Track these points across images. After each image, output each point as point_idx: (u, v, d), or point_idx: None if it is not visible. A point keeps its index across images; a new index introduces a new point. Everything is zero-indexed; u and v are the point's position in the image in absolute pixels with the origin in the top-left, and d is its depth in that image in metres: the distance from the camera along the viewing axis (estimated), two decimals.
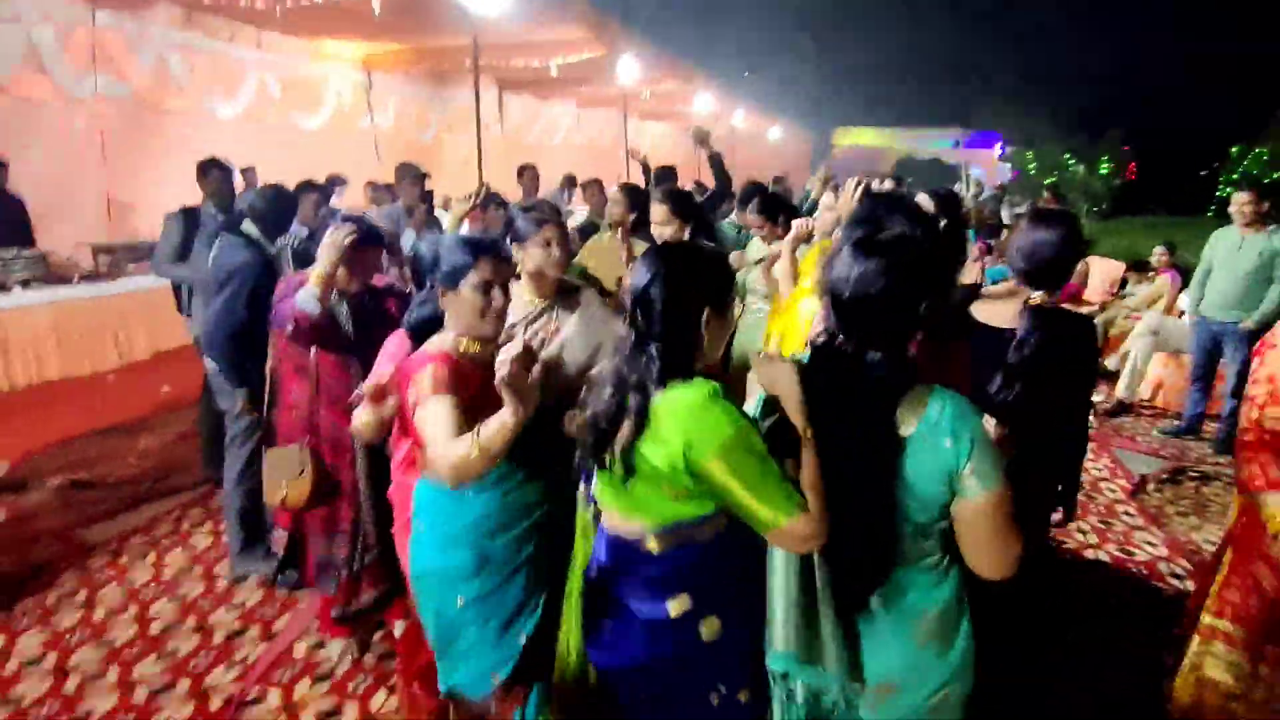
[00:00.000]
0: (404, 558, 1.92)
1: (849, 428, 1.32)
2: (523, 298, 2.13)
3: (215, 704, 2.42)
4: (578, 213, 8.22)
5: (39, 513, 3.70)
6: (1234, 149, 17.84)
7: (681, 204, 2.98)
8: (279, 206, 3.20)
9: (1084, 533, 3.58)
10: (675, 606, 1.39)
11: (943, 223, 2.91)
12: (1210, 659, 2.01)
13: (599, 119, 17.10)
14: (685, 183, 19.10)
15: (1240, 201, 4.41)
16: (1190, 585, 3.10)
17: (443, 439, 1.55)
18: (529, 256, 2.12)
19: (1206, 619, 2.03)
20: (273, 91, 9.30)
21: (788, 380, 1.35)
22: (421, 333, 1.85)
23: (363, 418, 1.96)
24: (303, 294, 2.24)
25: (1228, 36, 18.43)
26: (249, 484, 3.09)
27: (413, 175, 4.65)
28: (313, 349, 2.39)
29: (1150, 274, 6.42)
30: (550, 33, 9.05)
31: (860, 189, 2.59)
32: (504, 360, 1.43)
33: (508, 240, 2.20)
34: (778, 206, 3.65)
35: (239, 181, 8.04)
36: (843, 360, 1.36)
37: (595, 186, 6.00)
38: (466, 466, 1.51)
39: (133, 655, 2.64)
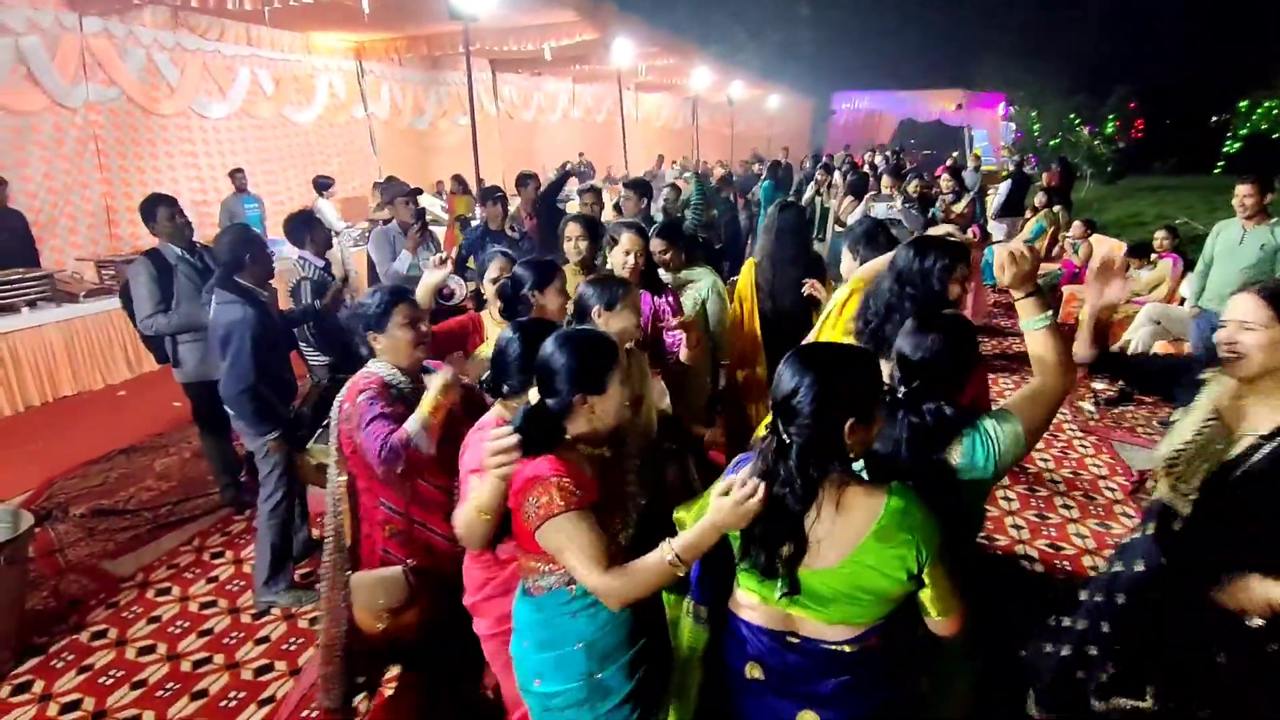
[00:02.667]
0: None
1: (918, 460, 1.65)
2: None
3: None
4: (574, 200, 8.22)
5: (65, 544, 3.81)
6: (1242, 103, 17.41)
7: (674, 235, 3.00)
8: (245, 249, 3.15)
9: (1083, 537, 3.67)
10: (896, 692, 1.51)
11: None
12: None
13: (596, 93, 16.88)
14: (682, 150, 18.66)
15: (1242, 194, 4.38)
16: None
17: (593, 566, 1.43)
18: (619, 321, 2.24)
19: None
20: (265, 87, 9.23)
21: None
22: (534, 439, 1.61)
23: (476, 529, 1.67)
24: (414, 429, 2.05)
25: None
26: (282, 517, 3.22)
27: (404, 194, 4.63)
28: None
29: (1152, 258, 6.40)
30: (542, 17, 8.91)
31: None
32: (743, 484, 1.35)
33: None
34: (677, 232, 3.62)
35: (227, 186, 8.06)
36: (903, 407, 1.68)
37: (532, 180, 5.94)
38: (654, 581, 1.41)
39: (166, 696, 2.76)
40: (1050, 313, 1.70)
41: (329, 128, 10.47)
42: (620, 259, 2.93)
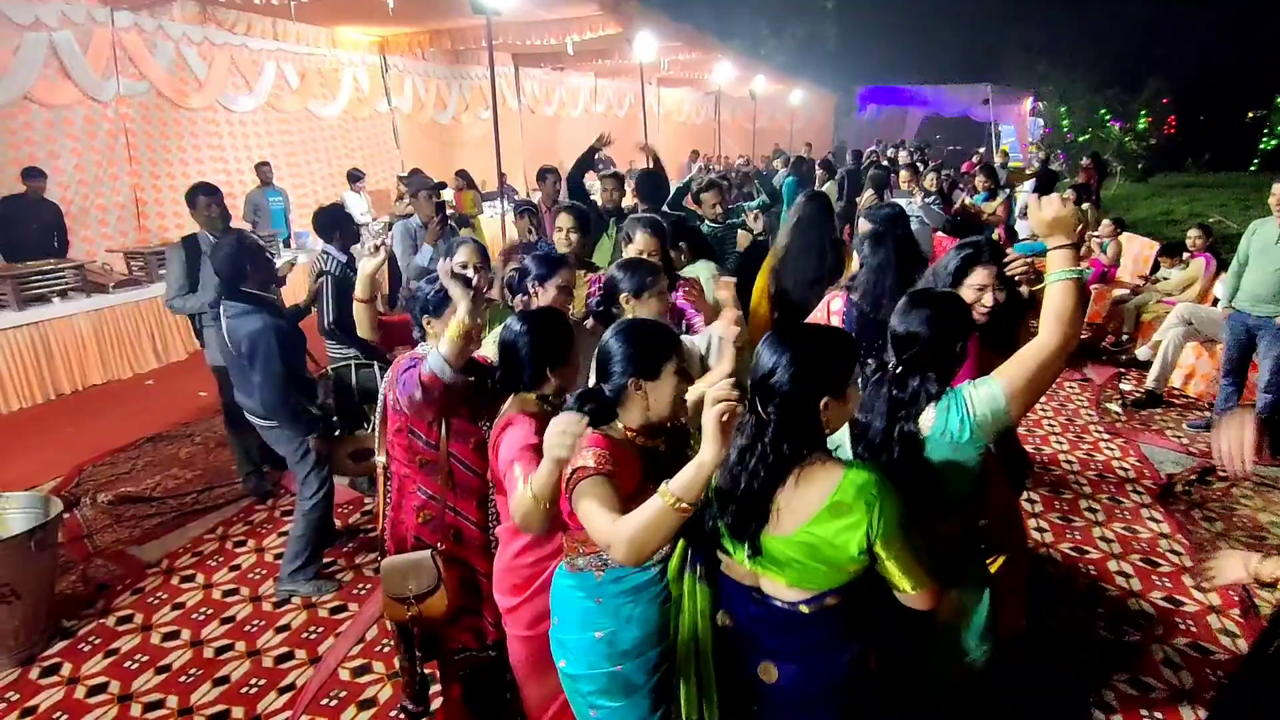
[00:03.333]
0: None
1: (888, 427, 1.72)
2: None
3: None
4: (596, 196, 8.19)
5: (93, 530, 3.89)
6: (1279, 98, 16.95)
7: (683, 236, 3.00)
8: (244, 258, 3.07)
9: (1108, 541, 3.60)
10: (848, 656, 1.54)
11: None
12: None
13: (618, 88, 16.85)
14: (705, 146, 18.45)
15: (1279, 193, 4.27)
16: (1214, 599, 3.12)
17: (606, 521, 1.44)
18: (646, 309, 2.29)
19: None
20: (290, 81, 9.32)
21: None
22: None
23: (533, 516, 1.62)
24: (434, 355, 2.05)
25: None
26: (320, 512, 3.26)
27: (427, 189, 4.67)
28: (444, 439, 2.18)
29: (1185, 256, 6.25)
30: (564, 11, 8.90)
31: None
32: (720, 394, 1.28)
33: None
34: (679, 233, 3.54)
35: (252, 179, 8.15)
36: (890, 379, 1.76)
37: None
38: (657, 523, 1.35)
39: (189, 682, 2.81)
40: (1079, 268, 1.70)
41: (353, 122, 10.56)
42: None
